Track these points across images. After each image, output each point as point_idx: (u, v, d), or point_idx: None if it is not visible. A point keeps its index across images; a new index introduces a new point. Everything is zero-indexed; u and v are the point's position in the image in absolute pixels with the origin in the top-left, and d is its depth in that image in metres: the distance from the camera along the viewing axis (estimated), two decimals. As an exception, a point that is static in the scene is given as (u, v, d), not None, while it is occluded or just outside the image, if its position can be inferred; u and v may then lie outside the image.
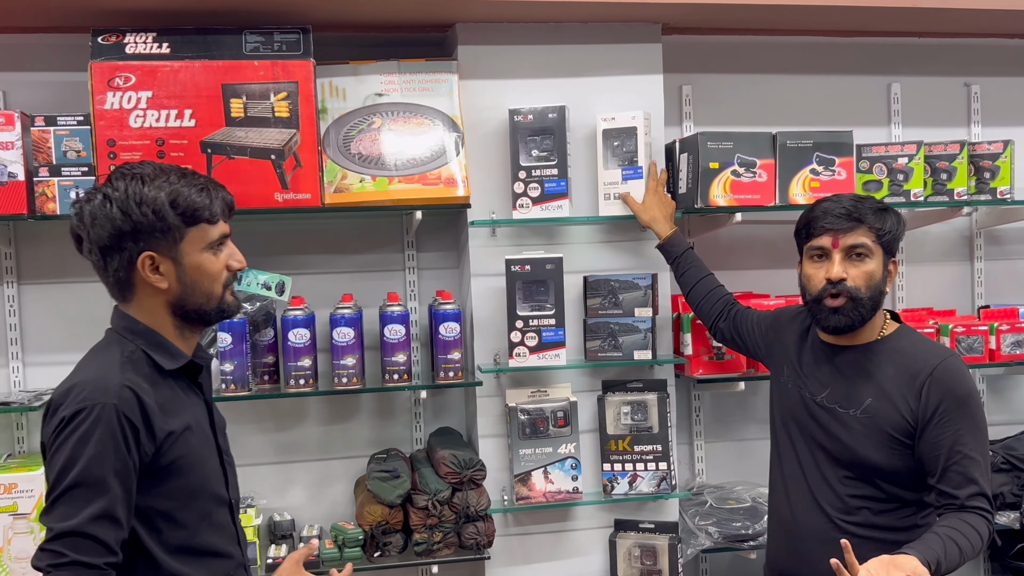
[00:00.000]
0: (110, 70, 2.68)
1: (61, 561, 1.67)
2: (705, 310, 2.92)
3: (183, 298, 1.86)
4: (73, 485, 1.69)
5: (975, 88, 3.61)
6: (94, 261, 1.85)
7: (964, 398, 2.24)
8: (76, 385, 1.75)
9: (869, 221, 2.32)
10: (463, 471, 2.86)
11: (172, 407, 1.83)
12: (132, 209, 1.78)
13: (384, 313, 2.94)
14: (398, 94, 2.91)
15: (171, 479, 1.81)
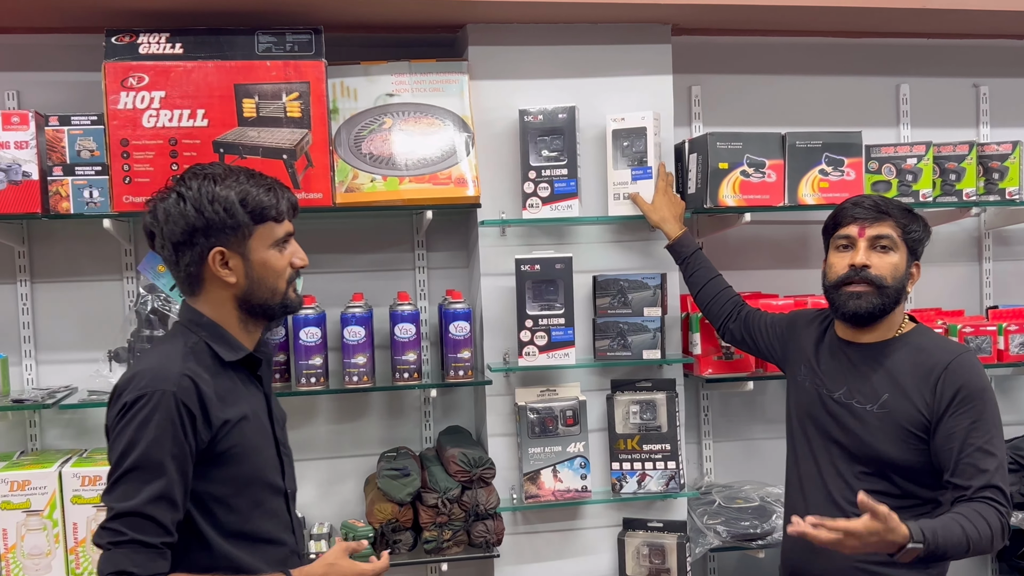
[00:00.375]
0: (124, 70, 2.69)
1: (120, 539, 1.76)
2: (714, 311, 2.94)
3: (250, 293, 1.95)
4: (133, 467, 1.78)
5: (984, 89, 3.61)
6: (166, 256, 1.94)
7: (978, 392, 2.26)
8: (139, 373, 1.84)
9: (896, 216, 2.38)
10: (473, 469, 2.87)
11: (230, 397, 1.91)
12: (205, 206, 1.88)
13: (394, 312, 2.96)
14: (409, 94, 2.93)
15: (226, 466, 1.89)
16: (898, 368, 2.36)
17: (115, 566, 1.76)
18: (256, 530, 1.95)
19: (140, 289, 2.88)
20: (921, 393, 2.30)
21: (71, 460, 2.80)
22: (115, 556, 1.76)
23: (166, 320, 2.82)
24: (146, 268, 2.84)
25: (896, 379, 2.35)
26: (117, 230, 2.83)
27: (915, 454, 2.30)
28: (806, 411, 2.50)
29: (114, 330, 2.94)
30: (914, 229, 2.39)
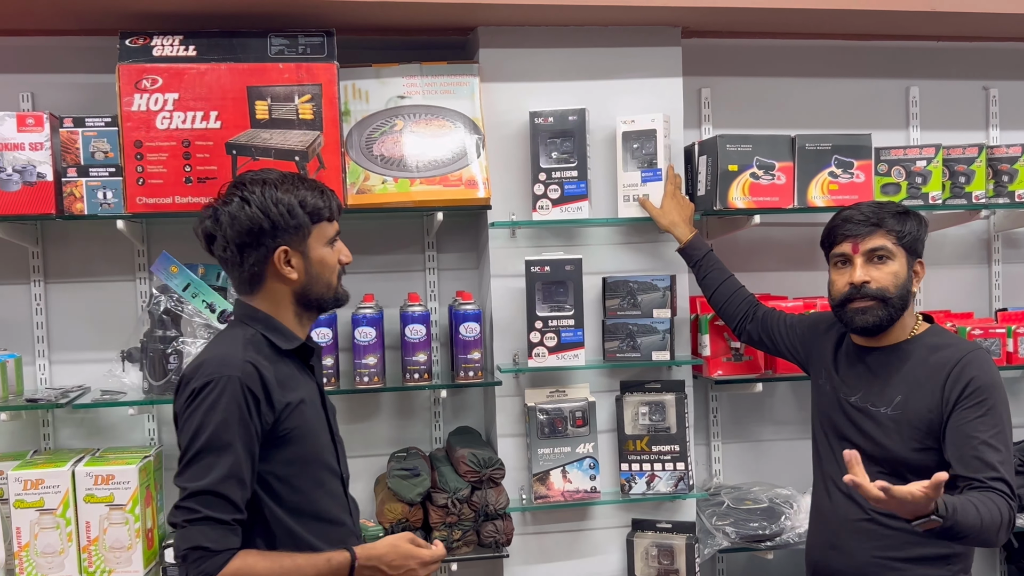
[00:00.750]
0: (137, 72, 2.71)
1: (195, 517, 1.87)
2: (729, 312, 2.95)
3: (308, 288, 2.08)
4: (203, 449, 1.89)
5: (993, 91, 3.62)
6: (228, 257, 2.04)
7: (987, 387, 2.27)
8: (205, 362, 1.96)
9: (887, 224, 2.39)
10: (482, 470, 2.88)
11: (289, 382, 2.03)
12: (270, 209, 2.00)
13: (405, 313, 2.97)
14: (420, 96, 2.94)
15: (289, 446, 2.00)
16: (912, 370, 2.38)
17: (191, 542, 1.86)
18: (318, 509, 2.05)
19: (153, 290, 2.90)
20: (933, 392, 2.32)
21: (84, 459, 2.82)
22: (190, 532, 1.87)
23: (179, 321, 2.84)
24: (159, 269, 2.85)
25: (910, 381, 2.37)
26: (130, 231, 2.85)
27: (930, 454, 2.31)
28: (827, 414, 2.54)
29: (127, 330, 2.96)
30: (909, 231, 2.40)
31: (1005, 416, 2.27)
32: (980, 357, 2.33)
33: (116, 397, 2.85)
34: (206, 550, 1.86)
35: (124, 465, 2.76)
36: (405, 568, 2.06)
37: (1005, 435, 2.24)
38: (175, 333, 2.83)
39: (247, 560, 1.89)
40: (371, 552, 2.04)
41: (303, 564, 1.95)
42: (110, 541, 2.75)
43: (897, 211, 2.43)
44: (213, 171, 2.73)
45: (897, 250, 2.39)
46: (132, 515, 2.75)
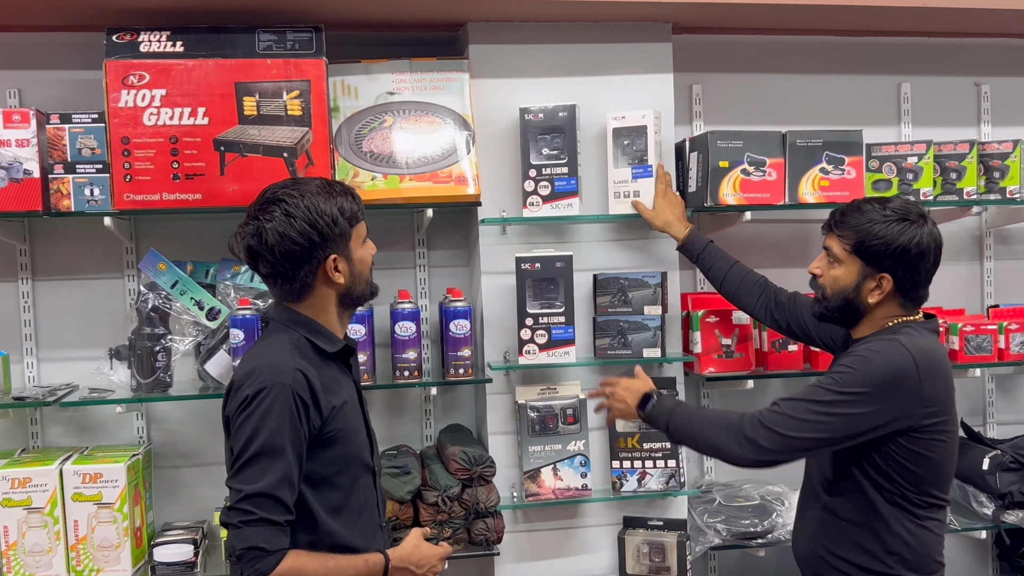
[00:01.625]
0: (124, 68, 2.70)
1: (251, 518, 1.95)
2: (743, 298, 2.91)
3: (352, 288, 2.17)
4: (258, 453, 1.97)
5: (985, 88, 3.61)
6: (279, 271, 2.09)
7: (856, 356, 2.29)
8: (256, 369, 2.03)
9: (841, 230, 2.39)
10: (473, 467, 2.87)
11: (332, 386, 2.11)
12: (316, 221, 2.06)
13: (395, 310, 2.96)
14: (409, 92, 2.93)
15: (332, 447, 2.09)
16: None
17: (247, 542, 1.95)
18: (353, 505, 2.15)
19: (141, 287, 2.89)
20: None
21: (72, 458, 2.80)
22: (246, 533, 1.95)
23: (167, 318, 2.83)
24: (147, 266, 2.84)
25: None
26: (118, 228, 2.84)
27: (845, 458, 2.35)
28: None
29: (115, 328, 2.94)
30: (872, 243, 2.31)
31: (845, 381, 2.24)
32: (876, 346, 2.29)
33: (104, 395, 2.83)
34: (261, 550, 1.94)
35: (112, 463, 2.75)
36: (429, 565, 2.24)
37: (820, 391, 2.26)
38: (163, 331, 2.82)
39: (298, 560, 1.99)
40: (400, 553, 2.18)
41: (345, 565, 2.06)
42: (98, 540, 2.74)
43: (884, 219, 2.33)
44: (201, 168, 2.71)
45: (848, 257, 2.36)
46: (120, 513, 2.73)
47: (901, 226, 2.32)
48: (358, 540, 2.14)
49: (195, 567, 2.81)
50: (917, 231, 2.32)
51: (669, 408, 2.44)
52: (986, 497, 3.30)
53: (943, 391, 2.30)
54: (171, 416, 3.08)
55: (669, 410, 2.44)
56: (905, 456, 2.27)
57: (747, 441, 2.27)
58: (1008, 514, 3.24)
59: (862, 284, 2.36)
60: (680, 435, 2.43)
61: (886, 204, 2.37)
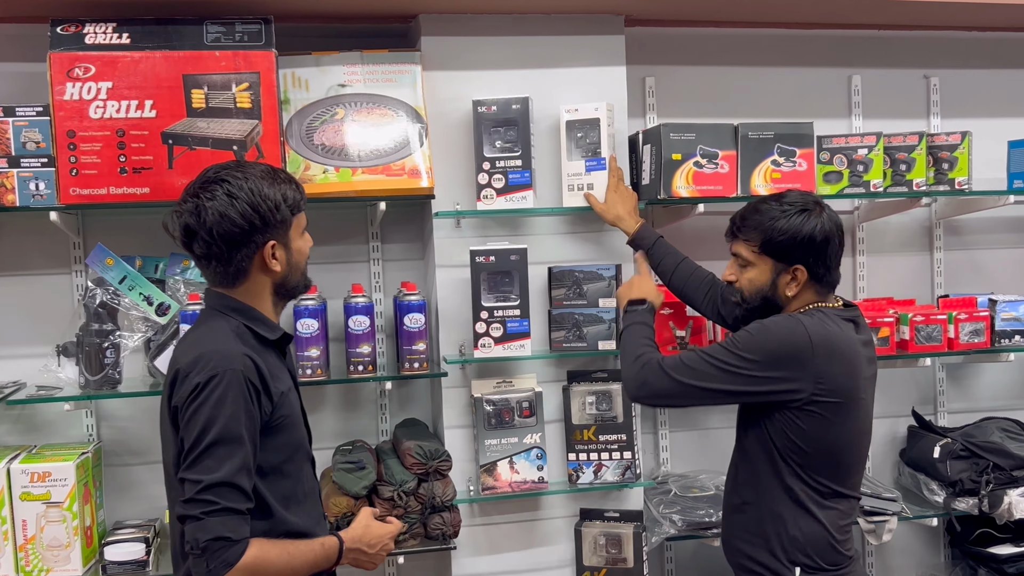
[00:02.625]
0: (69, 60, 2.65)
1: (213, 508, 1.91)
2: (689, 294, 2.95)
3: (287, 278, 2.14)
4: (215, 442, 1.93)
5: (934, 80, 3.65)
6: (214, 253, 2.04)
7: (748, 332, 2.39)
8: (203, 355, 1.98)
9: (744, 234, 2.47)
10: (429, 462, 2.86)
11: (276, 372, 2.09)
12: (259, 204, 2.03)
13: (348, 304, 2.94)
14: (361, 85, 2.91)
15: (281, 434, 2.08)
16: None
17: (212, 533, 1.90)
18: (302, 492, 2.14)
19: (89, 282, 2.85)
20: None
21: (20, 456, 2.76)
22: (210, 524, 1.90)
23: (115, 314, 2.79)
24: (94, 261, 2.80)
25: None
26: (64, 223, 2.79)
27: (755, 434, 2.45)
28: None
29: (62, 324, 2.89)
30: (775, 238, 2.39)
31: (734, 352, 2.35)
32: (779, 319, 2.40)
33: (52, 392, 2.79)
34: (227, 540, 1.91)
35: (61, 462, 2.71)
36: (380, 544, 2.26)
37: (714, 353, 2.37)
38: (111, 327, 2.78)
39: (262, 548, 1.96)
40: (353, 534, 2.20)
41: (304, 549, 2.06)
42: (47, 539, 2.70)
43: (783, 214, 2.40)
44: (149, 161, 2.68)
45: (758, 258, 2.44)
46: (70, 512, 2.70)
47: (802, 217, 2.40)
48: (310, 526, 2.14)
49: (147, 566, 2.77)
50: (817, 219, 2.41)
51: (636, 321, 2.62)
52: (937, 485, 3.34)
53: (839, 374, 2.35)
54: (121, 413, 3.04)
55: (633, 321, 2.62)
56: (795, 432, 2.35)
57: (643, 382, 2.44)
58: (959, 501, 3.29)
59: (777, 280, 2.44)
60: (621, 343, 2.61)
61: (782, 199, 2.45)
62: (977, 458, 3.30)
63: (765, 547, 2.42)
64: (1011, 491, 3.22)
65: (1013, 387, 3.75)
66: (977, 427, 3.48)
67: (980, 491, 3.25)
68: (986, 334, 3.33)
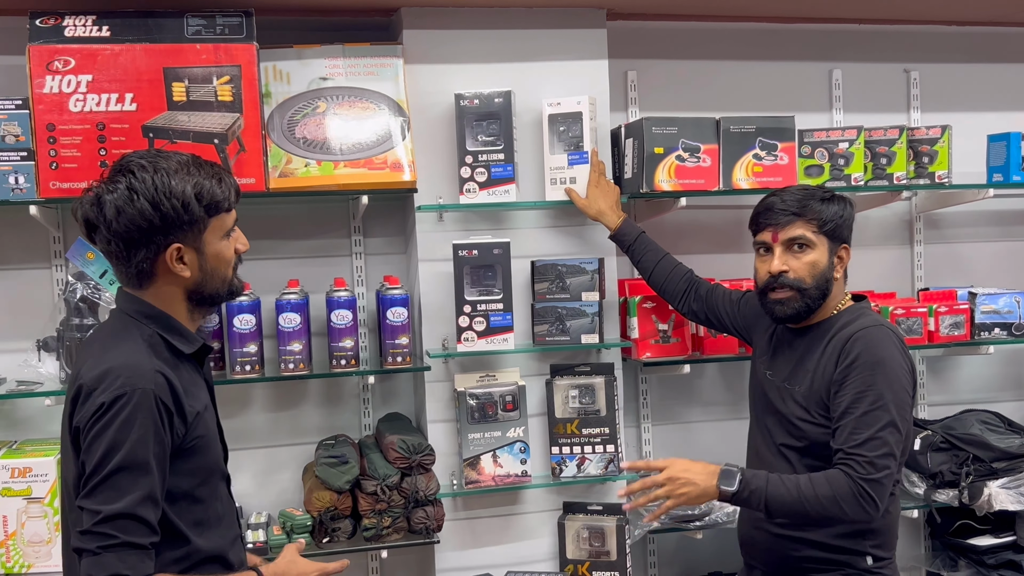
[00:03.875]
0: (49, 53, 2.64)
1: (111, 543, 1.72)
2: (669, 290, 2.96)
3: (202, 284, 1.93)
4: (118, 469, 1.74)
5: (914, 74, 3.67)
6: (113, 251, 1.87)
7: (873, 363, 2.29)
8: (110, 371, 1.78)
9: (807, 214, 2.41)
10: (412, 456, 2.86)
11: (191, 389, 1.90)
12: (161, 202, 1.82)
13: (331, 298, 2.93)
14: (343, 78, 2.90)
15: (193, 457, 1.88)
16: (821, 350, 2.41)
17: (108, 570, 1.72)
18: (214, 516, 1.95)
19: (69, 277, 2.82)
20: (828, 369, 2.36)
21: (0, 452, 2.74)
22: (106, 560, 1.72)
23: (96, 308, 2.77)
24: (75, 256, 2.78)
25: (818, 360, 2.40)
26: (44, 217, 2.78)
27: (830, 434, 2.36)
28: (757, 393, 2.59)
29: (43, 319, 2.87)
30: (831, 218, 2.42)
31: (888, 393, 2.26)
32: (874, 333, 2.34)
33: (32, 388, 2.78)
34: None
35: (42, 457, 2.69)
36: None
37: (884, 411, 2.25)
38: (92, 321, 2.76)
39: None
40: (275, 570, 2.02)
41: None
42: (28, 535, 2.68)
43: (822, 197, 2.45)
44: (129, 155, 2.66)
45: (818, 239, 2.41)
46: (51, 508, 2.68)
47: (840, 200, 2.46)
48: (223, 548, 1.96)
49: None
50: (849, 204, 2.48)
51: (761, 488, 2.25)
52: (918, 477, 3.37)
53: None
54: (102, 409, 3.02)
55: (762, 491, 2.25)
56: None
57: (870, 502, 2.22)
58: (939, 493, 3.31)
59: (832, 262, 2.44)
60: (783, 515, 2.29)
61: (800, 188, 2.51)
62: (957, 450, 3.32)
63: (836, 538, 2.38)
64: (991, 483, 3.24)
65: (993, 380, 3.78)
66: (957, 419, 3.50)
67: (960, 483, 3.27)
68: (966, 327, 3.35)
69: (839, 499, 2.20)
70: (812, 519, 2.28)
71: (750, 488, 2.22)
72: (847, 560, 2.38)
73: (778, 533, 2.45)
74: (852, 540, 2.38)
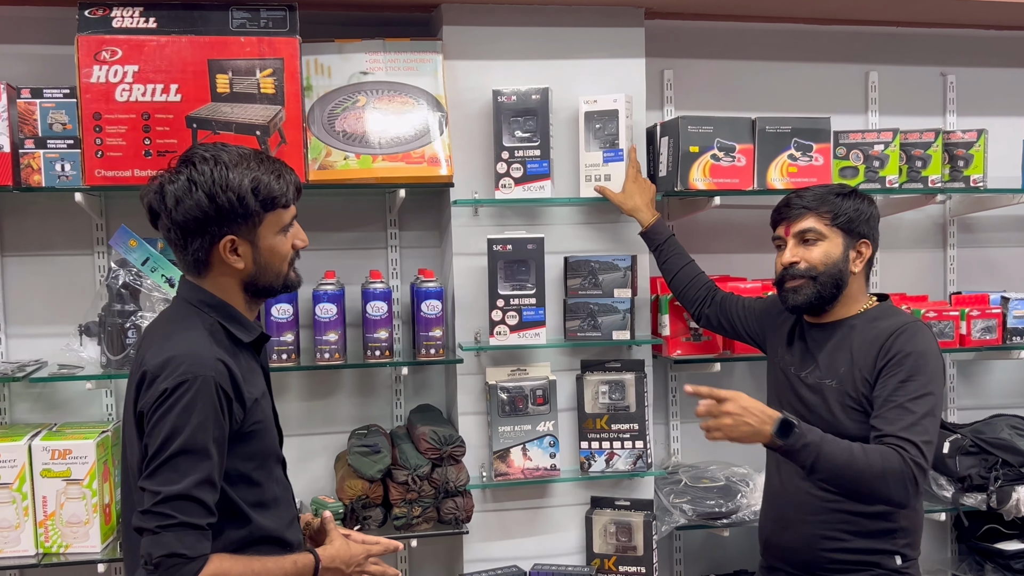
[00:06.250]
0: (97, 43, 2.69)
1: (169, 523, 1.79)
2: (688, 297, 2.99)
3: (256, 277, 1.99)
4: (179, 452, 1.81)
5: (951, 78, 3.66)
6: (172, 238, 1.95)
7: (915, 355, 2.31)
8: (173, 358, 1.85)
9: (821, 207, 2.47)
10: (443, 447, 2.89)
11: (249, 376, 1.97)
12: (218, 194, 1.88)
13: (366, 290, 2.97)
14: (383, 73, 2.94)
15: (252, 442, 1.96)
16: (855, 344, 2.43)
17: (166, 548, 1.78)
18: (271, 498, 2.02)
19: (111, 263, 2.87)
20: (867, 364, 2.37)
21: (41, 434, 2.79)
22: (165, 539, 1.79)
23: (137, 295, 2.82)
24: (117, 242, 2.83)
25: (852, 355, 2.42)
26: (89, 204, 2.83)
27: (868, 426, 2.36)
28: (780, 392, 2.60)
29: (85, 304, 2.93)
30: (845, 212, 2.45)
31: (929, 383, 2.29)
32: (913, 328, 2.38)
33: (73, 371, 2.83)
34: (182, 556, 1.79)
35: (81, 440, 2.74)
36: (356, 563, 2.12)
37: (925, 401, 2.26)
38: (134, 307, 2.81)
39: (222, 564, 1.84)
40: (331, 552, 2.08)
41: (272, 567, 1.93)
42: (67, 516, 2.73)
43: (839, 192, 2.49)
44: (173, 144, 2.71)
45: (830, 231, 2.46)
46: (89, 490, 2.73)
47: (860, 197, 2.50)
48: (281, 530, 2.03)
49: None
50: (872, 202, 2.52)
51: (816, 443, 2.18)
52: (946, 480, 3.36)
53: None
54: (141, 394, 3.07)
55: (816, 445, 2.18)
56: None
57: (913, 487, 2.21)
58: (967, 497, 3.30)
59: (848, 255, 2.46)
60: (826, 476, 2.21)
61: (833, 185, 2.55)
62: (986, 454, 3.31)
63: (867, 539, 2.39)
64: (1019, 487, 3.23)
65: (1023, 385, 3.76)
66: (987, 424, 3.49)
67: (988, 487, 3.26)
68: (998, 331, 3.34)
69: (888, 475, 2.18)
70: (851, 487, 2.23)
71: (804, 440, 2.17)
72: (876, 560, 2.39)
73: (808, 533, 2.45)
74: (883, 540, 2.39)
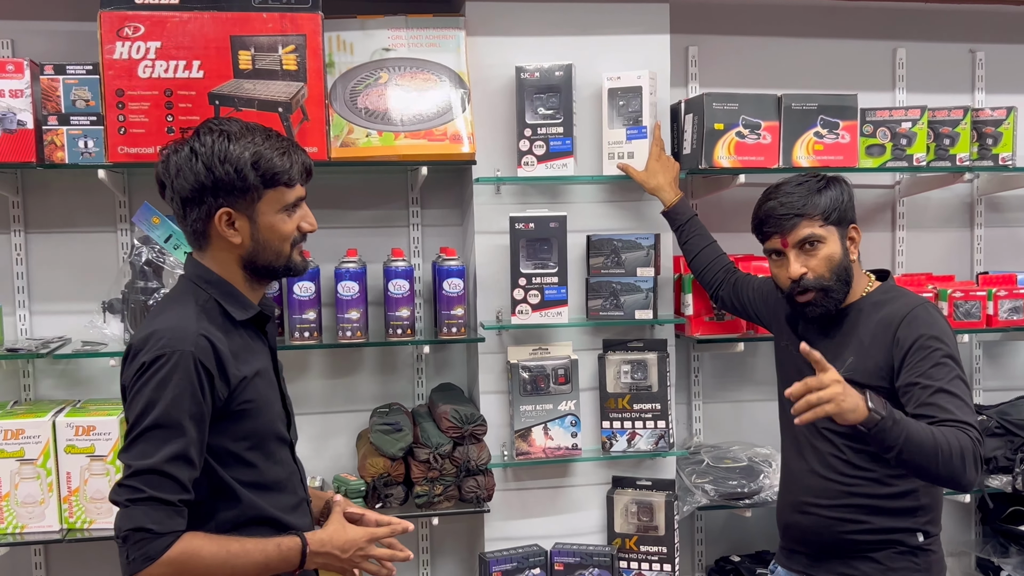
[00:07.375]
0: (119, 20, 2.68)
1: (139, 496, 1.78)
2: (707, 278, 2.97)
3: (254, 254, 1.97)
4: (152, 426, 1.80)
5: (980, 55, 3.61)
6: (175, 208, 1.96)
7: (936, 339, 2.28)
8: (155, 332, 1.85)
9: (809, 210, 2.39)
10: (464, 426, 2.89)
11: (243, 354, 1.94)
12: (215, 165, 1.88)
13: (388, 268, 2.96)
14: (405, 49, 2.92)
15: (242, 421, 1.92)
16: (862, 329, 2.40)
17: (134, 522, 1.78)
18: (272, 480, 1.99)
19: (135, 240, 2.87)
20: (880, 351, 2.34)
21: (65, 410, 2.81)
22: (133, 513, 1.78)
23: (160, 272, 2.82)
24: (140, 219, 2.83)
25: (860, 340, 2.38)
26: (112, 181, 2.83)
27: None
28: (787, 374, 2.56)
29: (108, 281, 2.94)
30: (831, 206, 2.39)
31: (958, 368, 2.26)
32: (924, 311, 2.34)
33: (97, 348, 2.84)
34: (149, 531, 1.77)
35: (105, 416, 2.75)
36: (355, 548, 2.03)
37: (959, 382, 2.23)
38: (157, 284, 2.82)
39: (193, 543, 1.81)
40: (321, 537, 2.00)
41: (251, 549, 1.88)
42: (91, 492, 2.75)
43: (816, 188, 2.41)
44: (195, 121, 2.64)
45: (826, 231, 2.40)
46: (113, 466, 2.74)
47: (834, 183, 2.45)
48: (282, 514, 1.99)
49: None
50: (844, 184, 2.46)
51: (903, 421, 2.11)
52: (971, 461, 3.33)
53: None
54: (164, 371, 3.08)
55: (905, 424, 2.10)
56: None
57: (979, 467, 2.17)
58: (992, 479, 3.28)
59: (845, 247, 2.43)
60: (913, 453, 2.11)
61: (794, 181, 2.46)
62: (1012, 436, 3.29)
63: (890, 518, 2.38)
64: (1045, 470, 3.21)
65: (1050, 366, 3.73)
66: (1012, 405, 3.46)
67: (1014, 469, 3.24)
68: (1025, 312, 3.31)
69: (965, 456, 2.13)
70: (931, 468, 2.15)
71: (894, 418, 2.11)
72: (899, 539, 2.38)
73: (829, 516, 2.43)
74: (905, 518, 2.37)
